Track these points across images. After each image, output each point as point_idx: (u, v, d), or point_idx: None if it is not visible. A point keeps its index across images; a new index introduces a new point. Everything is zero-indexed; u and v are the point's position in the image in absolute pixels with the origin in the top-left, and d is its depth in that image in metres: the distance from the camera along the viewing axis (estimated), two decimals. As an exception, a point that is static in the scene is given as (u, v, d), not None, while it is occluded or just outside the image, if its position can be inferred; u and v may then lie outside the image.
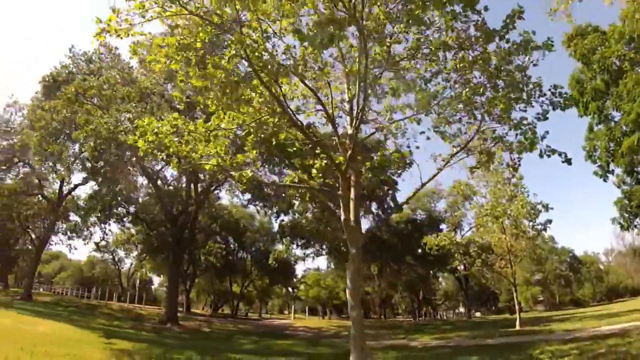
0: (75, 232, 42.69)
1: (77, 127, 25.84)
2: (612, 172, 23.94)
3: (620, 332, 17.33)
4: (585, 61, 23.80)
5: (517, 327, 27.64)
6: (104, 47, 32.10)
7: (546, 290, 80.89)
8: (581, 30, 24.44)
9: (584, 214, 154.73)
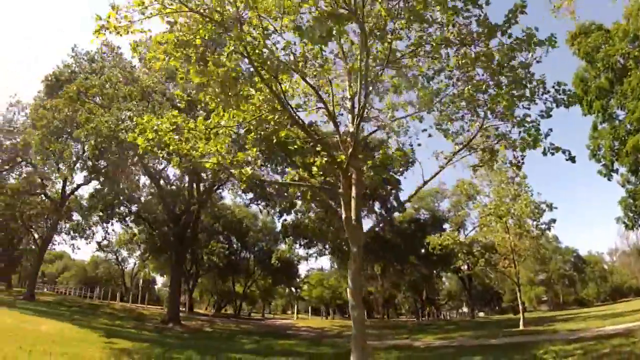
0: (77, 231, 42.69)
1: (79, 126, 25.83)
2: (616, 171, 23.80)
3: (624, 332, 17.21)
4: (589, 59, 23.65)
5: (520, 327, 27.51)
6: (107, 46, 32.12)
7: (550, 290, 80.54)
8: (585, 28, 24.29)
9: (588, 214, 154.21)
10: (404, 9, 9.90)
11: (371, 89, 11.33)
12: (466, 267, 45.86)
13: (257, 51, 9.36)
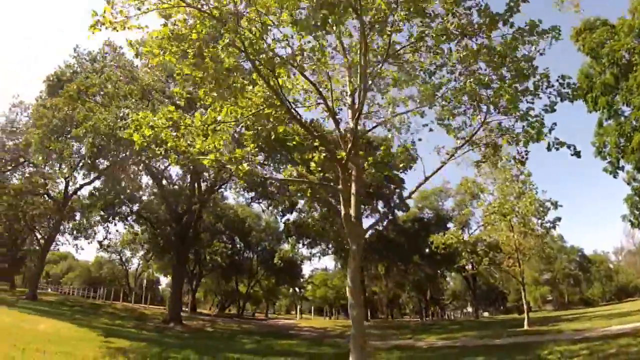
0: (79, 230, 42.67)
1: (78, 125, 25.69)
2: (622, 169, 23.41)
3: (631, 331, 16.92)
4: (594, 55, 23.31)
5: (525, 327, 27.21)
6: (109, 46, 32.07)
7: (555, 289, 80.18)
8: (589, 24, 23.97)
9: (594, 213, 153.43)
10: (404, 2, 9.68)
11: (371, 83, 11.12)
12: (470, 266, 45.54)
13: (254, 46, 9.17)
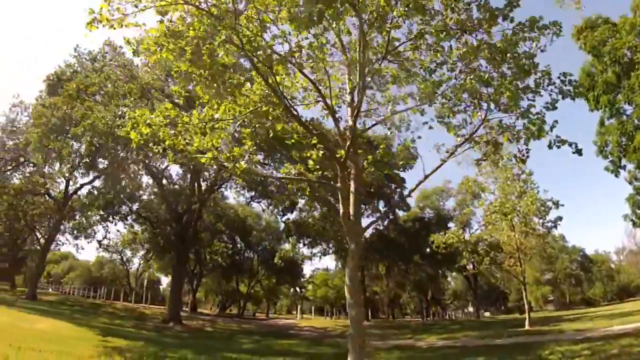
0: (79, 230, 42.57)
1: (77, 124, 25.61)
2: (624, 168, 23.24)
3: (633, 331, 16.77)
4: (595, 53, 23.13)
5: (526, 327, 27.08)
6: (109, 45, 31.98)
7: (556, 289, 79.96)
8: (591, 22, 23.83)
9: (595, 212, 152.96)
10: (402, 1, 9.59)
11: (370, 80, 11.01)
12: (471, 266, 45.40)
13: (252, 43, 9.06)
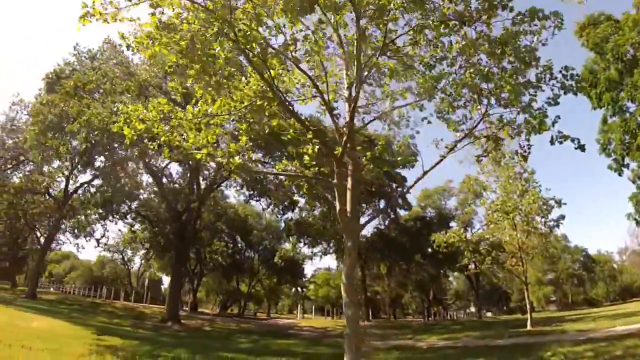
0: (78, 228, 42.45)
1: (74, 121, 25.43)
2: (627, 166, 22.97)
3: (636, 332, 16.50)
4: (598, 51, 22.89)
5: (528, 327, 26.81)
6: (108, 44, 31.80)
7: (559, 289, 79.64)
8: (593, 19, 23.61)
9: (598, 212, 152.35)
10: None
11: (367, 74, 10.79)
12: (473, 265, 45.11)
13: (247, 37, 8.84)
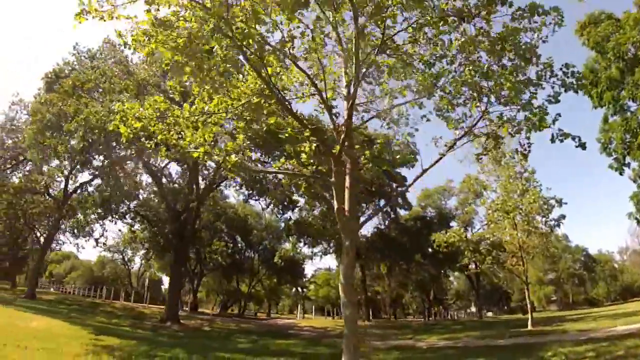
0: (77, 228, 42.32)
1: (72, 120, 25.31)
2: (628, 165, 22.84)
3: (637, 332, 16.38)
4: (599, 49, 22.74)
5: (529, 327, 26.69)
6: (108, 43, 31.71)
7: (559, 289, 79.47)
8: (594, 18, 23.47)
9: (598, 212, 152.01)
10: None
11: (365, 71, 10.69)
12: (474, 265, 45.00)
13: (245, 35, 8.74)
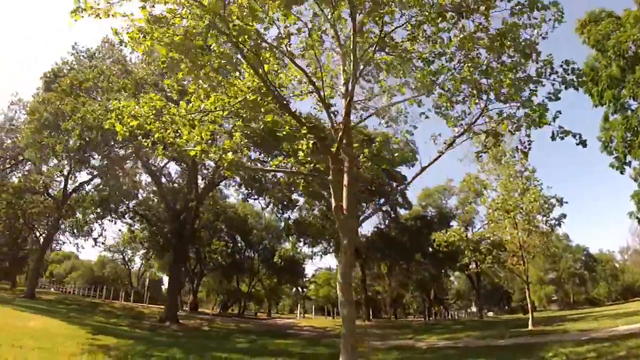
0: (76, 227, 42.23)
1: (70, 119, 25.23)
2: (629, 164, 22.72)
3: (639, 332, 16.24)
4: (599, 48, 22.63)
5: (529, 327, 26.55)
6: (107, 43, 31.64)
7: (560, 289, 79.33)
8: (594, 16, 23.36)
9: (599, 211, 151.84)
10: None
11: (363, 67, 10.58)
12: (474, 265, 44.86)
13: (239, 29, 8.63)
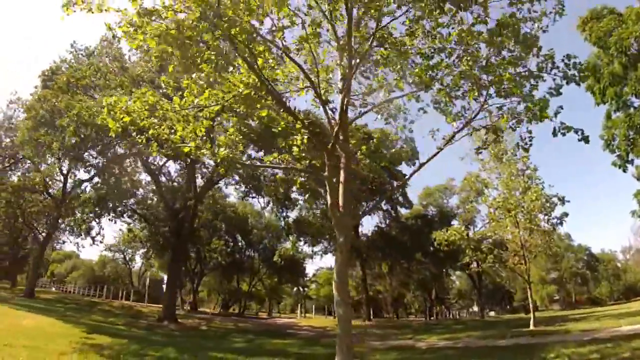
0: (75, 226, 42.06)
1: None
2: (631, 162, 22.49)
3: (642, 332, 15.99)
4: (601, 45, 22.37)
5: (531, 327, 26.26)
6: (106, 41, 31.49)
7: (562, 288, 79.10)
8: (596, 13, 23.12)
9: (601, 211, 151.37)
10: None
11: (359, 61, 10.37)
12: (475, 264, 44.58)
13: (230, 21, 8.42)
